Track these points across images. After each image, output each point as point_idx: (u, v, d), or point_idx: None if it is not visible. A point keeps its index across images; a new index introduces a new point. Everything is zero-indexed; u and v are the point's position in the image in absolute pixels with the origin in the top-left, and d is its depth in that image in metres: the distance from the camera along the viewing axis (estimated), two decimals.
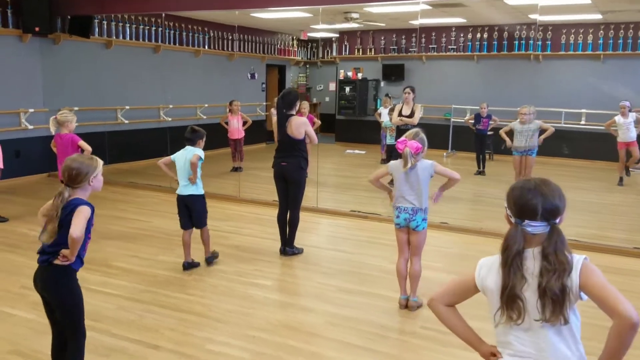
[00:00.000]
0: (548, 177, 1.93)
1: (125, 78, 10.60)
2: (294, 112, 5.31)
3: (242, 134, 10.24)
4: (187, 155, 4.98)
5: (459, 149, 12.55)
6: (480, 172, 10.27)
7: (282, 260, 5.38)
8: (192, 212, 5.04)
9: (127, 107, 10.61)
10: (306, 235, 5.99)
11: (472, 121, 10.29)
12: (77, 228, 2.64)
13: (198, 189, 5.03)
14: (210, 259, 5.15)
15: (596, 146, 11.22)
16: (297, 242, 5.61)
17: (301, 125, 5.27)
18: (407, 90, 8.05)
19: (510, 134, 7.96)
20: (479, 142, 10.35)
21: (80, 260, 2.82)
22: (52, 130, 5.85)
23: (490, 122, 10.04)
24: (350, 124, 14.74)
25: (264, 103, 14.45)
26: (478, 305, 2.28)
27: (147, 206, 7.57)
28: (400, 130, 8.00)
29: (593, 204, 8.07)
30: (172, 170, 5.10)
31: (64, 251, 2.72)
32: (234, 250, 5.62)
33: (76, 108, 9.49)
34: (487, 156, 10.88)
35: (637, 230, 6.72)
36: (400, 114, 8.00)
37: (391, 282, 4.67)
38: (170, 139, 11.34)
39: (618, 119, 9.37)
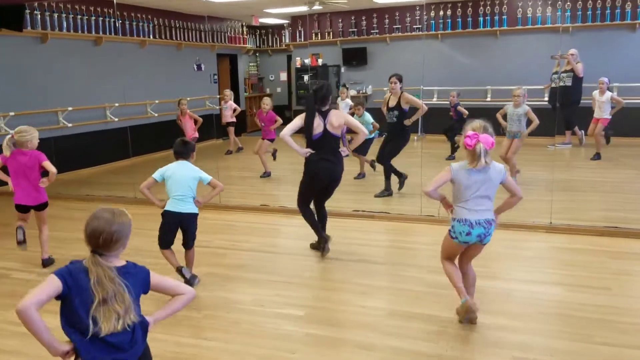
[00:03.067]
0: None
1: (64, 75, 9.26)
2: (327, 107, 4.71)
3: (194, 135, 9.24)
4: (189, 172, 4.27)
5: (428, 132, 12.01)
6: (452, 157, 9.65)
7: (301, 279, 4.52)
8: (186, 232, 4.35)
9: (70, 109, 9.30)
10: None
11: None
12: (186, 287, 2.30)
13: (195, 207, 4.33)
14: (194, 279, 4.35)
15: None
16: (304, 252, 4.94)
17: (341, 117, 4.75)
18: (393, 79, 6.93)
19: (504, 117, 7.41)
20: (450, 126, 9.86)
21: None
22: (7, 153, 4.77)
23: (459, 113, 9.46)
24: None
25: (217, 96, 13.33)
26: None
27: None
28: (387, 124, 7.13)
29: (598, 182, 7.65)
30: (152, 191, 4.31)
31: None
32: (241, 271, 4.70)
33: (12, 113, 8.19)
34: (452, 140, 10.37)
35: None
36: (387, 106, 7.06)
37: (448, 298, 3.93)
38: (121, 139, 10.23)
39: (595, 93, 9.18)
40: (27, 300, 1.92)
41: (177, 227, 4.31)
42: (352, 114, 8.42)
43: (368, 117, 8.09)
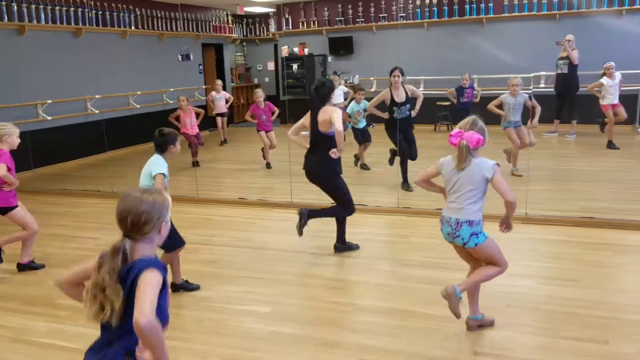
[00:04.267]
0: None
1: (43, 68, 9.13)
2: (326, 105, 4.55)
3: (197, 130, 9.12)
4: (146, 170, 3.88)
5: (414, 122, 11.92)
6: None
7: (273, 274, 4.46)
8: None
9: (49, 102, 9.18)
10: (289, 239, 5.07)
11: (455, 94, 9.54)
12: (143, 310, 1.70)
13: None
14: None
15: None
16: (279, 247, 4.82)
17: (326, 113, 4.47)
18: (396, 72, 6.75)
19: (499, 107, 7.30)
20: (464, 115, 9.69)
21: None
22: None
23: (474, 93, 9.28)
24: (300, 103, 13.73)
25: (203, 86, 13.22)
26: None
27: (88, 218, 6.37)
28: (395, 120, 6.93)
29: (592, 172, 7.61)
30: None
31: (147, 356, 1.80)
32: (212, 267, 4.65)
33: None
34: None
35: None
36: (392, 101, 6.79)
37: (419, 292, 3.93)
38: (103, 132, 10.12)
39: (605, 80, 8.99)
40: (60, 278, 2.00)
41: None
42: (352, 100, 8.37)
43: (364, 103, 8.01)
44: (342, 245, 4.83)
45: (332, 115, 4.44)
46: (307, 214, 4.71)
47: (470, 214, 3.14)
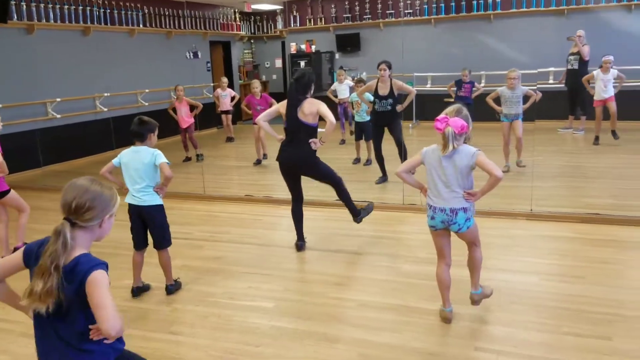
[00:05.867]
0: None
1: (52, 66, 9.22)
2: (308, 97, 4.61)
3: (190, 121, 9.13)
4: (142, 158, 3.86)
5: (422, 119, 11.92)
6: None
7: (278, 271, 4.49)
8: (151, 228, 3.98)
9: (58, 100, 9.26)
10: (294, 236, 5.07)
11: (454, 88, 9.43)
12: (108, 319, 1.77)
13: (156, 198, 3.92)
14: (173, 287, 4.10)
15: (566, 105, 10.78)
16: (284, 244, 4.86)
17: (314, 105, 4.55)
18: (382, 66, 6.78)
19: (497, 100, 7.29)
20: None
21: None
22: None
23: (473, 89, 9.16)
24: None
25: (211, 84, 13.27)
26: None
27: None
28: (377, 112, 6.99)
29: (584, 167, 7.57)
30: (118, 177, 3.96)
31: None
32: (217, 264, 4.68)
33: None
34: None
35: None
36: (376, 94, 6.89)
37: (422, 288, 3.93)
38: (111, 129, 10.23)
39: (597, 73, 8.93)
40: None
41: (142, 224, 3.94)
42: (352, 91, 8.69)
43: (368, 95, 7.98)
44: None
45: (320, 108, 4.54)
46: (357, 219, 4.92)
47: (463, 202, 3.22)
